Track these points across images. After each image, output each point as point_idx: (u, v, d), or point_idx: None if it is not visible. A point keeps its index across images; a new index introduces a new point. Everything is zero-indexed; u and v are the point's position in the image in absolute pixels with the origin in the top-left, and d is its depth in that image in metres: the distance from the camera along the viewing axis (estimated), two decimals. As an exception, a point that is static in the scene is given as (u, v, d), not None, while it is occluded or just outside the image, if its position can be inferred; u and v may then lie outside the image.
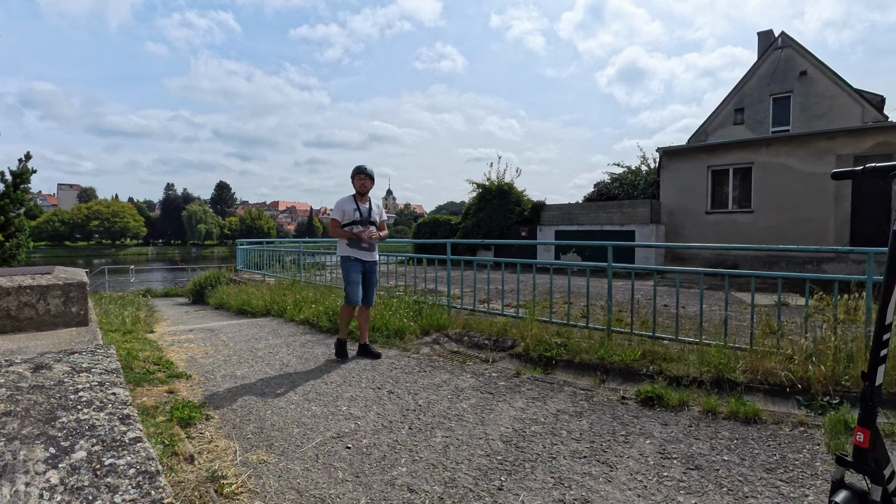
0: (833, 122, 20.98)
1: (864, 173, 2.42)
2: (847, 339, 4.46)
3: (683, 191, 17.41)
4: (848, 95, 21.87)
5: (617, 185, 22.06)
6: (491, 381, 4.76)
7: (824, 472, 3.10)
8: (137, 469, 1.02)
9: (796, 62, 22.76)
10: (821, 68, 22.39)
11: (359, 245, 5.71)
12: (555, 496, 2.80)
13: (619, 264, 5.98)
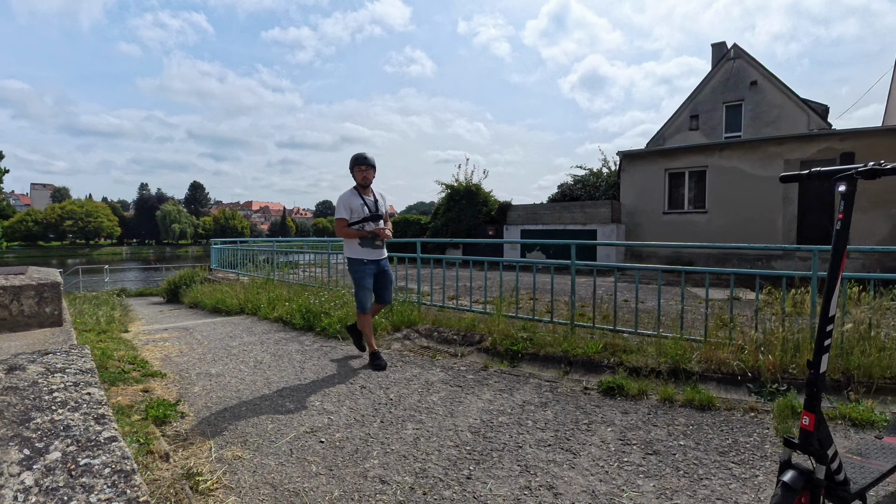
0: (781, 129, 21.56)
1: (810, 177, 2.50)
2: (794, 330, 4.57)
3: (642, 192, 17.67)
4: (795, 104, 22.49)
5: (579, 186, 22.26)
6: (460, 375, 4.76)
7: (773, 453, 3.18)
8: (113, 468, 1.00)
9: (747, 72, 23.31)
10: (770, 79, 22.99)
11: (371, 244, 5.11)
12: (521, 483, 2.81)
13: (582, 262, 6.04)
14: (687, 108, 24.68)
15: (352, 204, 5.08)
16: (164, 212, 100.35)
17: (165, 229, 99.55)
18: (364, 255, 5.09)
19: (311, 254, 12.19)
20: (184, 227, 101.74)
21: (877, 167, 2.20)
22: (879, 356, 4.17)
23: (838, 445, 2.37)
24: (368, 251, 5.10)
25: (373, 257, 5.13)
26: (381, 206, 5.24)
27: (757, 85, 23.02)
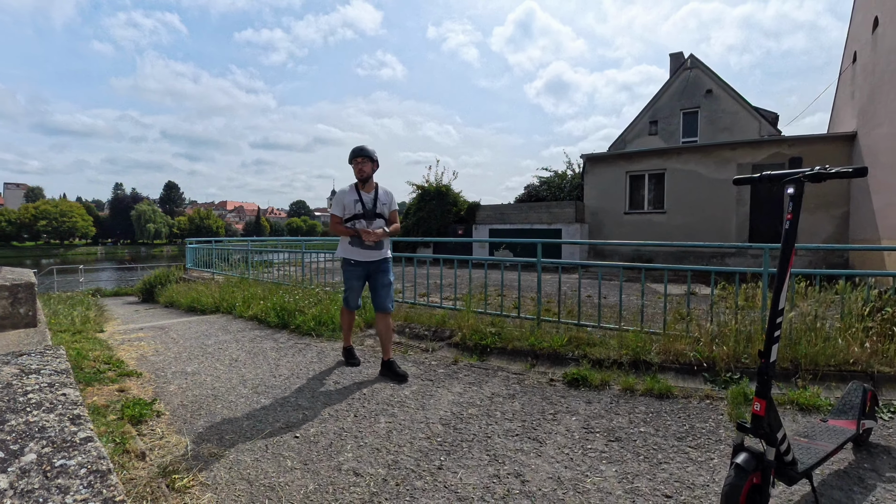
0: (735, 134, 22.02)
1: (762, 180, 2.57)
2: (746, 322, 4.68)
3: (604, 193, 17.87)
4: (747, 112, 22.99)
5: (545, 187, 22.41)
6: (431, 369, 4.75)
7: (727, 437, 3.25)
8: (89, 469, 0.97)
9: (703, 81, 23.74)
10: (724, 88, 23.46)
11: (361, 244, 4.61)
12: (490, 472, 2.81)
13: (548, 259, 6.08)
14: (647, 113, 25.03)
15: (345, 200, 4.65)
16: (139, 211, 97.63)
17: (140, 229, 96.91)
18: (353, 256, 4.67)
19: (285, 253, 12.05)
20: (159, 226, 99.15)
21: (822, 171, 2.27)
22: (824, 346, 4.30)
23: (787, 429, 2.42)
24: (358, 251, 4.65)
25: (362, 258, 4.67)
26: (381, 205, 4.73)
27: (712, 93, 23.47)
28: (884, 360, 4.18)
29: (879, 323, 4.47)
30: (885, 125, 12.12)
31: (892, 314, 4.47)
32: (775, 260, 2.38)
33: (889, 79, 11.93)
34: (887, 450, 3.09)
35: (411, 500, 2.53)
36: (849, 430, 2.82)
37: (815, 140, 15.27)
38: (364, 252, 4.65)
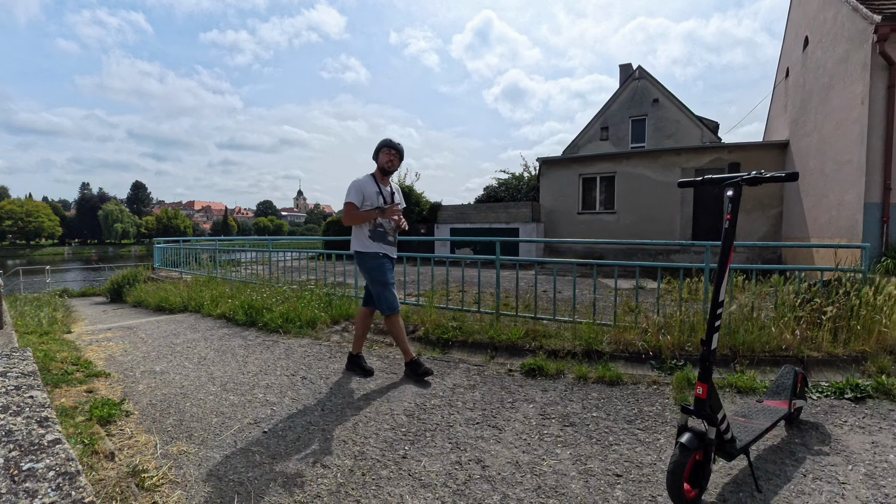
0: (679, 141, 22.55)
1: (703, 183, 2.64)
2: (689, 314, 4.77)
3: (559, 195, 18.08)
4: (690, 120, 23.58)
5: (503, 189, 22.56)
6: (395, 363, 4.70)
7: (672, 419, 3.32)
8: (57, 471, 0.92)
9: (650, 91, 24.23)
10: (670, 97, 24.00)
11: (384, 238, 4.23)
12: (452, 459, 2.81)
13: (506, 257, 6.11)
14: (598, 120, 25.42)
15: (366, 189, 4.19)
16: (107, 211, 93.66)
17: (108, 229, 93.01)
18: (379, 249, 4.23)
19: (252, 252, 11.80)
20: (126, 226, 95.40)
21: (758, 176, 2.36)
22: (760, 334, 4.43)
23: (726, 410, 2.50)
24: (380, 245, 4.23)
25: (386, 251, 4.28)
26: (398, 200, 4.44)
27: (658, 102, 24.00)
28: (812, 345, 4.34)
29: (809, 313, 4.61)
30: (813, 135, 12.62)
31: (820, 305, 4.63)
32: (716, 256, 2.45)
33: (817, 93, 12.42)
34: (815, 426, 3.21)
35: (377, 489, 2.51)
36: (781, 410, 2.93)
37: (751, 147, 15.76)
38: (385, 247, 4.27)
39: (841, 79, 10.88)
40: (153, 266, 13.56)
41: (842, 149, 10.74)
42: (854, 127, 10.12)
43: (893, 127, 9.37)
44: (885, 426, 3.19)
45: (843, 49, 10.77)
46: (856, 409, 3.47)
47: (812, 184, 12.41)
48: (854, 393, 3.64)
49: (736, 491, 2.47)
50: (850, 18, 10.31)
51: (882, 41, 9.16)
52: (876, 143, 9.52)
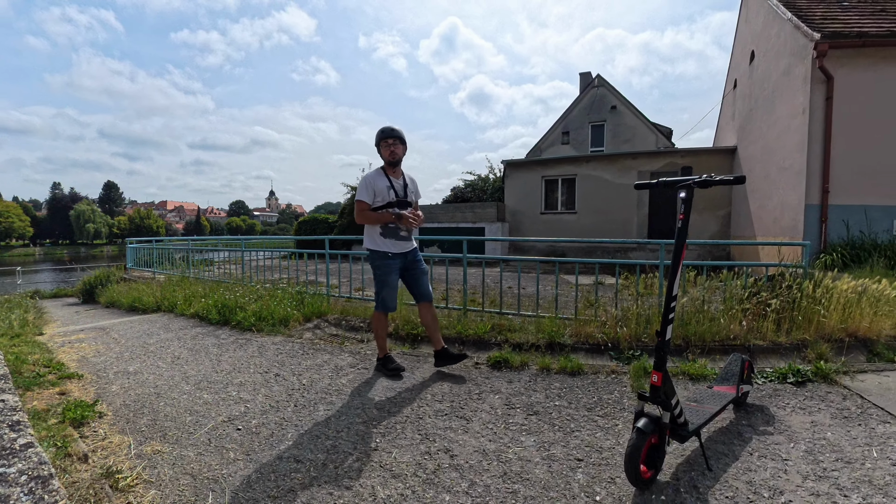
0: (636, 145, 23.01)
1: (658, 185, 2.70)
2: (645, 307, 4.84)
3: (523, 195, 18.22)
4: (646, 126, 24.06)
5: (470, 189, 22.60)
6: (366, 359, 4.66)
7: (629, 406, 3.38)
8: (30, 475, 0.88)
9: (608, 99, 24.64)
10: (627, 105, 24.45)
11: (396, 234, 4.02)
12: (422, 449, 2.80)
13: (473, 255, 6.12)
14: (559, 125, 25.73)
15: (376, 185, 3.95)
16: (78, 211, 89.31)
17: (80, 229, 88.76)
18: (388, 248, 4.02)
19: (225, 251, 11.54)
20: (98, 226, 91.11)
21: (709, 178, 2.43)
22: (710, 325, 4.54)
23: (680, 395, 2.55)
24: (393, 242, 4.03)
25: (398, 249, 4.06)
26: (410, 192, 4.12)
27: (616, 109, 24.42)
28: (758, 335, 4.46)
29: (755, 305, 4.74)
30: (758, 142, 13.02)
31: (765, 298, 4.76)
32: (670, 253, 2.51)
33: (762, 104, 12.82)
34: (761, 408, 3.32)
35: (349, 481, 2.48)
36: (730, 394, 3.01)
37: (703, 152, 16.17)
38: (399, 242, 4.05)
39: (784, 90, 11.26)
40: (126, 266, 13.11)
41: (785, 155, 11.12)
42: (796, 135, 10.48)
43: (831, 135, 9.76)
44: (823, 407, 3.32)
45: (786, 63, 11.14)
46: (797, 392, 3.60)
47: (758, 187, 12.81)
48: (796, 377, 3.78)
49: (689, 470, 2.53)
50: (793, 35, 10.68)
51: (821, 57, 9.54)
52: (815, 150, 9.90)
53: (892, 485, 2.38)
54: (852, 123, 9.72)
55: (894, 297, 4.83)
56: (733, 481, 2.43)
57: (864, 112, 9.72)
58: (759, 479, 2.44)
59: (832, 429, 3.00)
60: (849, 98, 9.68)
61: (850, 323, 4.49)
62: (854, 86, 9.69)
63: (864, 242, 9.33)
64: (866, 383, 3.71)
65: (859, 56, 9.69)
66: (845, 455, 2.68)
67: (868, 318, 4.53)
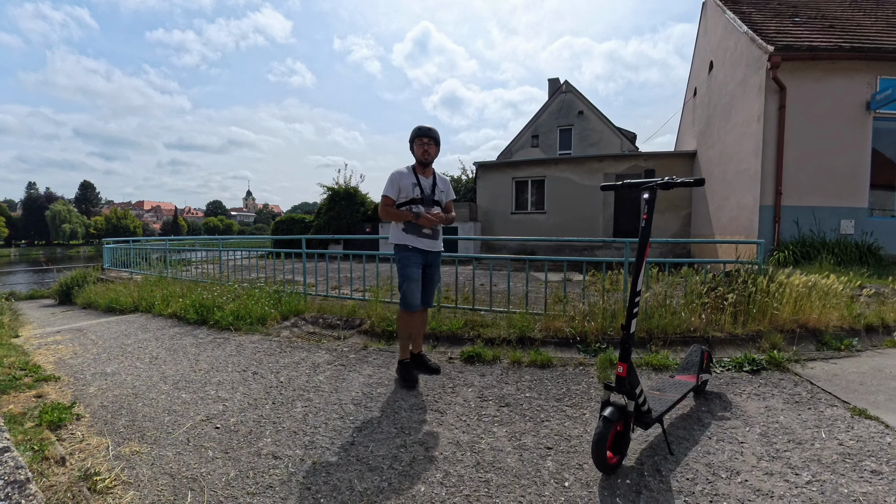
0: (602, 149, 23.33)
1: (623, 187, 2.74)
2: (611, 302, 4.91)
3: (494, 196, 18.30)
4: (612, 131, 24.42)
5: (444, 191, 22.63)
6: (343, 355, 4.62)
7: (596, 396, 3.42)
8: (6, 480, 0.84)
9: (576, 104, 24.93)
10: (593, 110, 24.77)
11: (419, 230, 3.80)
12: (397, 442, 2.79)
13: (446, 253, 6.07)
14: (529, 129, 25.93)
15: (403, 182, 3.76)
16: (54, 212, 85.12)
17: (56, 230, 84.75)
18: (409, 241, 3.81)
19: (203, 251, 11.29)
20: (75, 227, 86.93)
21: (670, 181, 2.48)
22: (672, 318, 4.62)
23: (643, 385, 2.60)
24: (415, 238, 3.81)
25: (421, 246, 3.83)
26: (439, 192, 3.90)
27: (583, 114, 24.73)
28: (716, 327, 4.56)
29: (713, 299, 4.84)
30: (716, 147, 13.33)
31: (722, 292, 4.87)
32: (634, 251, 2.55)
33: (720, 111, 13.13)
34: (719, 395, 3.40)
35: (327, 475, 2.45)
36: (690, 383, 3.08)
37: (665, 156, 16.51)
38: (421, 240, 3.83)
39: (740, 99, 11.55)
40: (103, 267, 12.69)
41: (741, 159, 11.41)
42: (751, 141, 10.77)
43: (784, 142, 10.07)
44: (776, 393, 3.43)
45: (742, 73, 11.44)
46: (752, 379, 3.70)
47: (716, 189, 13.12)
48: (751, 366, 3.88)
49: (652, 455, 2.58)
50: (748, 47, 10.97)
51: (775, 68, 9.85)
52: (770, 155, 10.20)
53: (838, 463, 2.48)
54: (803, 130, 10.06)
55: (841, 291, 5.01)
56: (693, 464, 2.49)
57: (814, 120, 10.08)
58: (717, 462, 2.51)
59: (784, 413, 3.09)
60: (800, 107, 10.02)
61: (800, 315, 4.63)
62: (805, 96, 10.03)
63: (813, 241, 9.64)
64: (815, 370, 3.85)
65: (809, 68, 10.04)
66: (796, 437, 2.77)
67: (817, 310, 4.69)
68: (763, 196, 10.30)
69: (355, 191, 20.06)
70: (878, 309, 5.08)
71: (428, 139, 3.78)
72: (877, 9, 12.90)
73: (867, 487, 2.26)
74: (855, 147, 10.18)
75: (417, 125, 3.84)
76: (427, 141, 3.78)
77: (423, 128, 3.80)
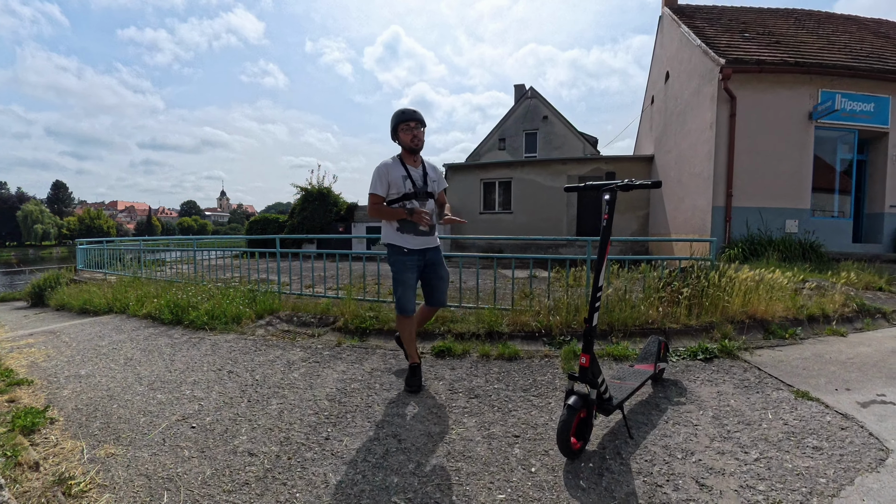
0: (565, 152, 23.61)
1: (585, 188, 2.78)
2: (574, 297, 4.96)
3: (463, 196, 18.33)
4: (575, 135, 24.74)
5: (414, 192, 22.56)
6: (317, 352, 4.55)
7: (561, 386, 3.46)
8: None
9: (540, 109, 25.17)
10: (557, 115, 25.06)
11: (414, 229, 3.34)
12: (371, 436, 2.77)
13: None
14: (496, 132, 26.08)
15: (391, 175, 3.28)
16: (26, 212, 79.93)
17: (27, 230, 79.87)
18: (403, 243, 3.36)
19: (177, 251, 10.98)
20: (47, 227, 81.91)
21: (630, 183, 2.53)
22: (631, 312, 4.71)
23: (605, 374, 2.65)
24: (411, 238, 3.36)
25: (416, 245, 3.39)
26: (431, 182, 3.41)
27: (547, 119, 25.01)
28: (672, 319, 4.68)
29: (669, 293, 4.96)
30: (672, 151, 13.65)
31: (678, 287, 4.99)
32: (596, 249, 2.60)
33: (676, 118, 13.45)
34: (675, 382, 3.49)
35: (302, 470, 2.41)
36: (648, 371, 3.15)
37: (624, 159, 16.81)
38: (418, 238, 3.38)
39: (694, 107, 11.87)
40: (76, 268, 12.16)
41: (695, 163, 11.72)
42: (705, 146, 11.08)
43: (734, 147, 10.43)
44: (727, 378, 3.54)
45: (696, 83, 11.75)
46: (706, 367, 3.82)
47: (672, 190, 13.44)
48: (704, 355, 4.00)
49: (613, 439, 2.64)
50: (702, 60, 11.28)
51: (726, 79, 10.19)
52: (721, 160, 10.53)
53: (783, 441, 2.58)
54: (752, 137, 10.44)
55: (786, 285, 5.20)
56: (652, 446, 2.56)
57: (762, 128, 10.47)
58: (673, 444, 2.58)
59: (735, 397, 3.20)
60: (749, 116, 10.39)
61: (749, 307, 4.79)
62: (753, 105, 10.41)
63: (761, 239, 9.97)
64: (763, 357, 3.99)
65: (758, 80, 10.42)
66: (746, 418, 2.87)
67: (764, 302, 4.85)
68: (715, 197, 10.62)
69: (328, 191, 19.83)
70: (819, 301, 5.30)
71: (415, 122, 3.29)
72: (818, 28, 13.49)
73: (809, 462, 2.37)
74: (798, 153, 10.61)
75: (399, 109, 3.36)
76: (414, 125, 3.29)
77: (408, 111, 3.32)
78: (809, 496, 2.10)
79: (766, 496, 2.11)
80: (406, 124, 3.29)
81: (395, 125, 3.33)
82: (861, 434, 2.64)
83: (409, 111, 3.32)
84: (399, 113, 3.32)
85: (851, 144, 11.21)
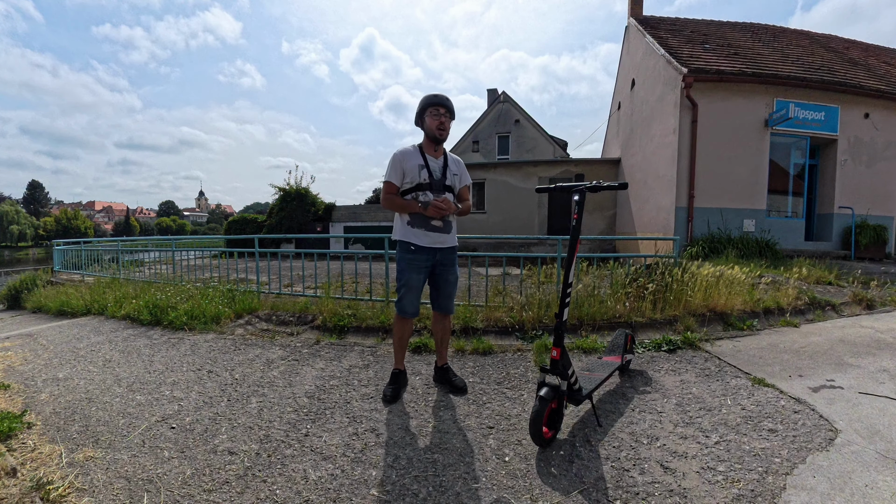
0: (537, 155, 23.85)
1: (556, 189, 2.82)
2: (546, 293, 5.00)
3: (440, 200, 18.33)
4: (545, 139, 25.00)
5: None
6: (296, 350, 4.48)
7: (533, 378, 3.49)
8: None
9: (512, 113, 25.36)
10: (528, 119, 25.28)
11: (427, 223, 2.99)
12: (350, 431, 2.74)
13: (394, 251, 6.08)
14: (470, 135, 26.16)
15: (406, 164, 2.96)
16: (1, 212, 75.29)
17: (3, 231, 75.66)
18: (413, 239, 3.03)
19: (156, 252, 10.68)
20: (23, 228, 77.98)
21: (598, 184, 2.58)
22: (599, 307, 4.78)
23: (575, 366, 2.69)
24: (421, 233, 3.01)
25: (427, 243, 3.03)
26: (451, 175, 3.05)
27: (519, 123, 25.21)
28: (638, 313, 4.75)
29: (635, 289, 5.04)
30: (638, 155, 13.90)
31: (643, 283, 5.08)
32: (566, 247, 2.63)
33: (641, 124, 13.70)
34: (641, 373, 3.56)
35: (282, 467, 2.38)
36: (616, 363, 3.20)
37: (593, 162, 17.04)
38: (430, 235, 3.02)
39: (659, 113, 12.11)
40: (53, 269, 11.71)
41: (659, 166, 11.97)
42: (668, 150, 11.32)
43: (696, 152, 10.70)
44: (689, 368, 3.63)
45: (660, 91, 11.99)
46: (669, 357, 3.90)
47: (638, 192, 13.68)
48: (668, 346, 4.09)
49: (583, 428, 2.67)
50: (666, 68, 11.52)
51: (688, 87, 10.45)
52: (684, 163, 10.78)
53: (741, 425, 2.66)
54: (712, 142, 10.74)
55: (744, 280, 5.34)
56: (619, 433, 2.60)
57: (721, 134, 10.79)
58: (639, 430, 2.63)
59: (696, 385, 3.28)
60: (709, 122, 10.68)
61: (710, 301, 4.91)
62: (713, 112, 10.70)
63: (720, 237, 10.26)
64: (723, 348, 4.10)
65: (718, 89, 10.73)
66: (707, 405, 2.94)
67: (724, 296, 4.98)
68: (678, 198, 10.87)
69: (306, 191, 19.63)
70: (774, 294, 5.46)
71: (444, 109, 2.96)
72: (774, 41, 13.94)
73: (765, 444, 2.44)
74: (755, 158, 10.96)
75: (429, 94, 3.04)
76: (444, 111, 2.96)
77: (440, 95, 2.98)
78: (765, 475, 2.17)
79: (726, 476, 2.17)
80: (436, 108, 2.97)
81: (424, 107, 3.01)
82: (812, 416, 2.73)
83: (442, 96, 2.99)
84: (431, 96, 3.00)
85: (804, 150, 11.64)
